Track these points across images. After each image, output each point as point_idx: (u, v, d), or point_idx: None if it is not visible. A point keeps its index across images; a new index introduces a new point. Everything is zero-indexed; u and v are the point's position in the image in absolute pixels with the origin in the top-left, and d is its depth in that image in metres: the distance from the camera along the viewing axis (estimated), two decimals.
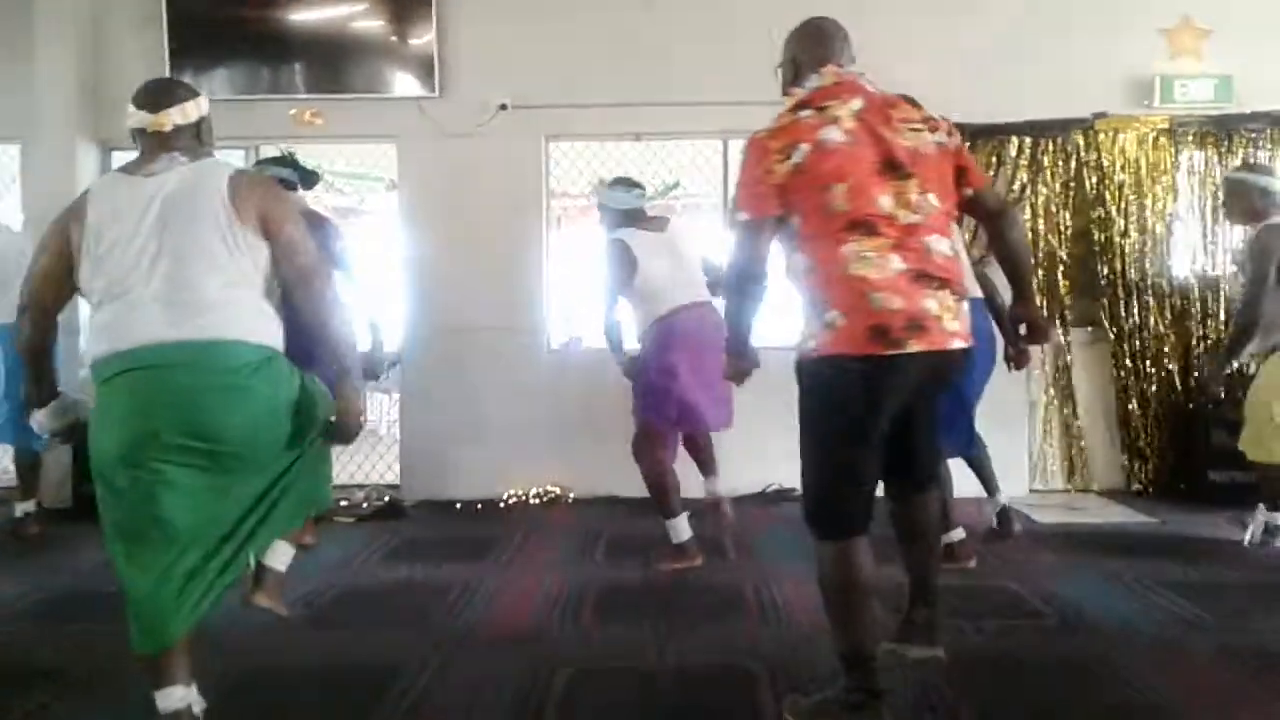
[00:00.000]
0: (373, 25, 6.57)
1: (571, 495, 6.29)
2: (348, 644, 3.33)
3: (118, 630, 3.79)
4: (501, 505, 6.17)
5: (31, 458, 5.46)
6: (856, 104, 2.82)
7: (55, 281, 2.74)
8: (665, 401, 4.67)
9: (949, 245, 2.83)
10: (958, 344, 2.82)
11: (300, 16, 6.54)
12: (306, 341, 2.79)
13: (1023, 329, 3.14)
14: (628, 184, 5.00)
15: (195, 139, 2.82)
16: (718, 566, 4.70)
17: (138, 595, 2.62)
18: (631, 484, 5.34)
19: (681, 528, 4.68)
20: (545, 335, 6.61)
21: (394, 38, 6.55)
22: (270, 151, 6.73)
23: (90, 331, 2.70)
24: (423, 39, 6.47)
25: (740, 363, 3.05)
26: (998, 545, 4.88)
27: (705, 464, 5.04)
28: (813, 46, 2.99)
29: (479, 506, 6.04)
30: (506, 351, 6.42)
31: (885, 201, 2.74)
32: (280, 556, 3.20)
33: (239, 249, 2.65)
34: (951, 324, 2.78)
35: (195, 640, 2.69)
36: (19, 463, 5.49)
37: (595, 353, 6.71)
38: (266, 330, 2.70)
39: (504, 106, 6.42)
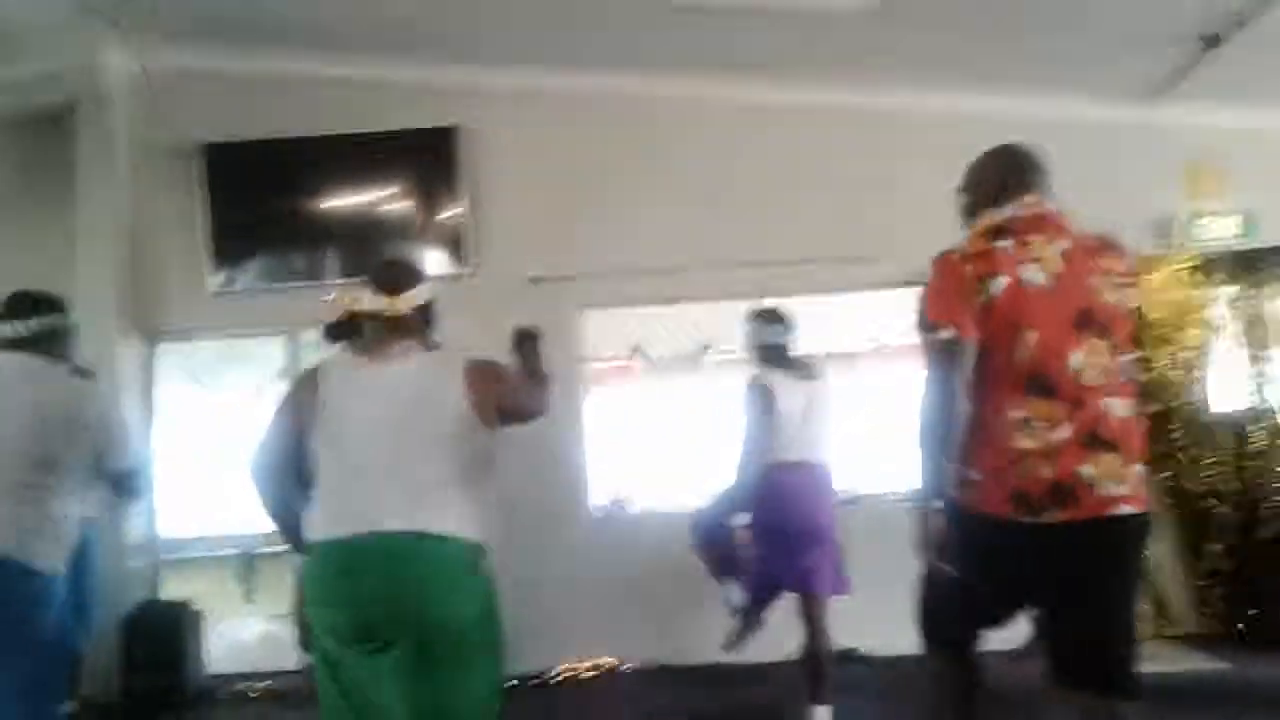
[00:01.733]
0: (403, 207, 6.72)
1: (626, 666, 6.12)
2: None
3: None
4: (553, 682, 6.01)
5: (73, 657, 5.34)
6: (1063, 244, 2.62)
7: (285, 452, 2.75)
8: (756, 579, 4.58)
9: (1128, 408, 2.59)
10: (1125, 509, 2.52)
11: (332, 204, 6.70)
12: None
13: None
14: (767, 317, 4.74)
15: (425, 322, 2.88)
16: None
17: None
18: (686, 651, 5.21)
19: (727, 593, 4.69)
20: (589, 501, 6.56)
21: (424, 218, 6.70)
22: (310, 337, 6.89)
23: (313, 507, 2.69)
24: (452, 218, 6.62)
25: (930, 534, 2.58)
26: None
27: (811, 680, 4.54)
28: (1012, 172, 2.77)
29: (531, 683, 5.87)
30: (550, 521, 6.35)
31: (1076, 359, 2.54)
32: None
33: (471, 441, 2.68)
34: (1115, 488, 2.51)
35: None
36: None
37: (641, 517, 6.67)
38: (481, 525, 2.69)
39: (536, 279, 6.51)
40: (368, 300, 2.82)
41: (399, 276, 2.87)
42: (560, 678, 6.05)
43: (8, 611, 3.10)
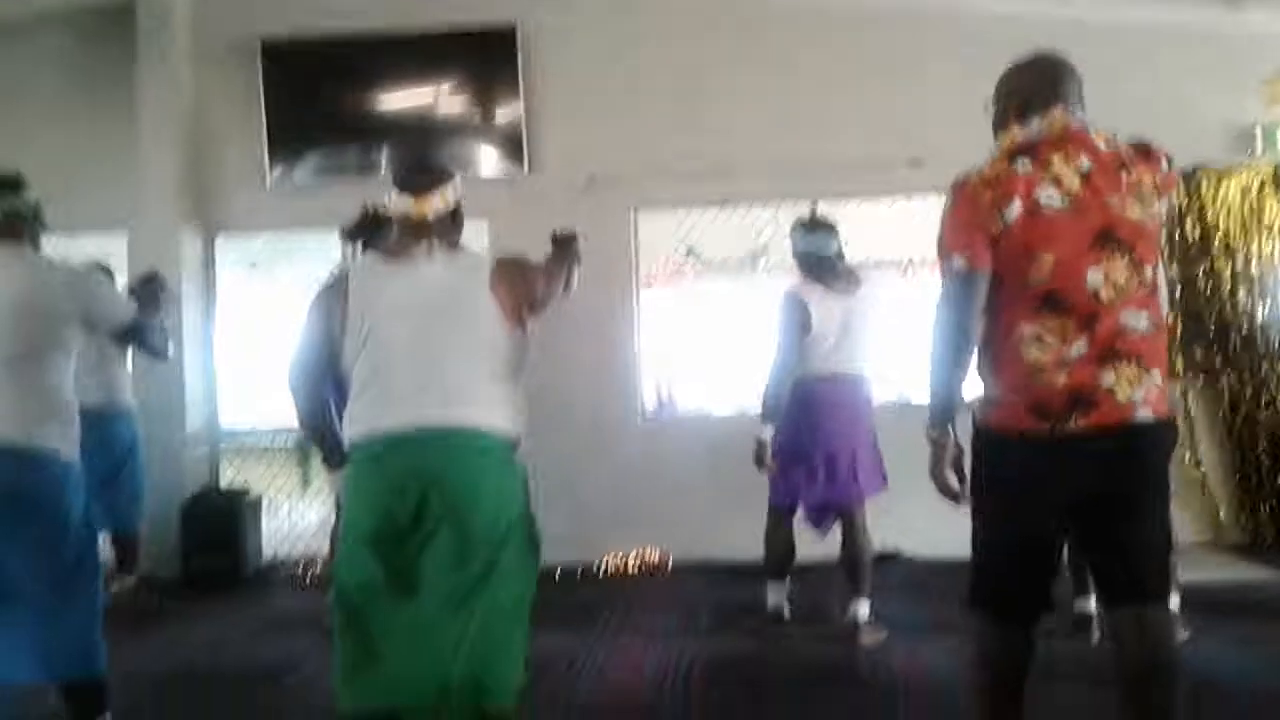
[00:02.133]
0: (460, 106, 6.70)
1: (670, 561, 6.23)
2: None
3: (232, 706, 3.86)
4: (599, 574, 6.13)
5: (133, 537, 5.49)
6: (1084, 163, 2.53)
7: (320, 359, 2.78)
8: (783, 479, 4.57)
9: (1147, 319, 2.51)
10: (1144, 415, 2.47)
11: (390, 100, 6.70)
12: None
13: None
14: (810, 226, 4.63)
15: (452, 223, 2.84)
16: (829, 636, 4.60)
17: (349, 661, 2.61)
18: (730, 548, 5.29)
19: (772, 593, 4.65)
20: (639, 401, 6.62)
21: (481, 117, 6.68)
22: None
23: (349, 412, 2.73)
24: (510, 117, 6.59)
25: (941, 452, 2.60)
26: None
27: (851, 576, 4.57)
28: (1039, 85, 2.65)
29: (578, 574, 5.99)
30: (601, 418, 6.43)
31: (1093, 278, 2.48)
32: None
33: (498, 339, 2.70)
34: (1133, 393, 2.47)
35: None
36: (119, 542, 5.42)
37: (690, 418, 6.72)
38: (516, 421, 2.73)
39: (592, 179, 6.49)
40: (394, 202, 2.80)
41: (424, 178, 2.83)
42: (606, 570, 6.18)
43: (25, 502, 3.02)
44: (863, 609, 4.52)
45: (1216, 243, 6.21)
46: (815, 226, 4.61)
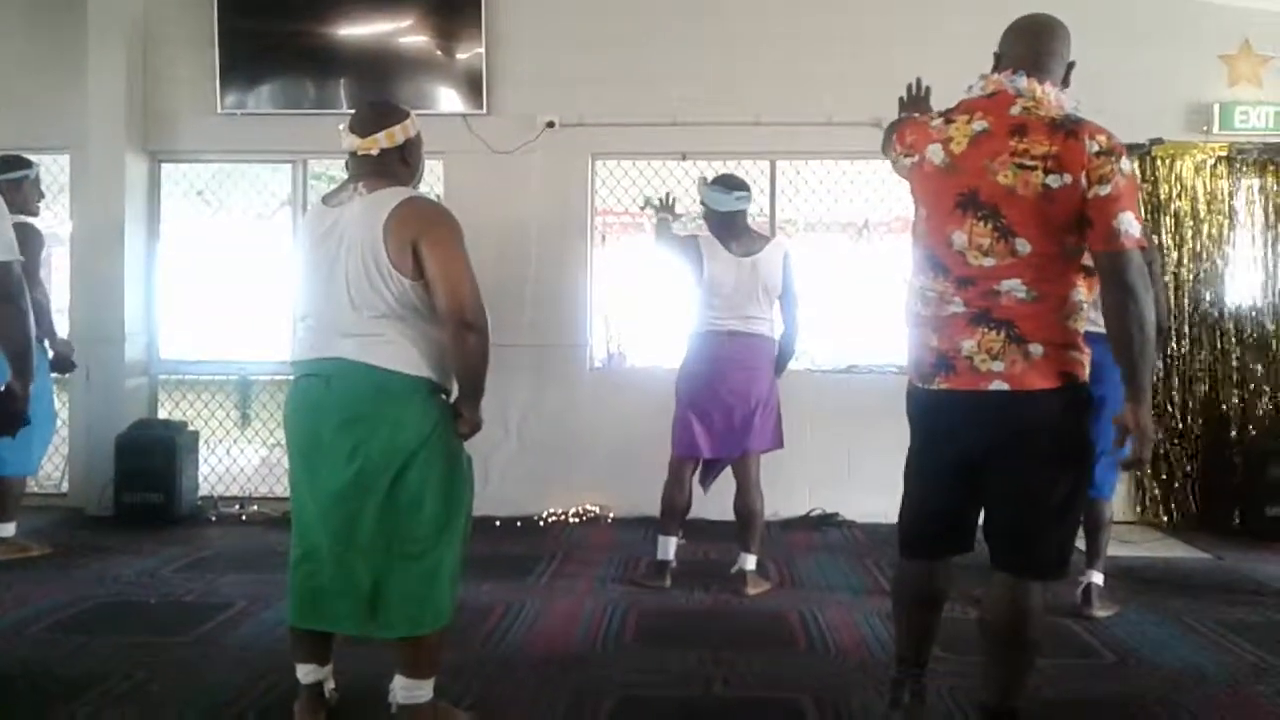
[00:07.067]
0: (420, 41, 6.54)
1: (611, 515, 6.24)
2: (387, 664, 3.25)
3: (160, 641, 3.81)
4: (541, 523, 6.12)
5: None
6: (980, 125, 2.59)
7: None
8: (678, 429, 4.74)
9: (1027, 290, 2.52)
10: (997, 385, 2.54)
11: (348, 32, 6.52)
12: None
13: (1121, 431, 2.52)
14: (726, 184, 4.69)
15: (402, 162, 2.89)
16: (765, 593, 4.64)
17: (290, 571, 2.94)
18: None
19: (663, 547, 4.75)
20: (589, 352, 6.58)
21: (441, 54, 6.53)
22: (316, 168, 6.79)
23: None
24: (470, 55, 6.46)
25: None
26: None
27: (739, 528, 4.71)
28: (1004, 45, 2.76)
29: (518, 524, 5.98)
30: (549, 368, 6.39)
31: (958, 239, 2.58)
32: (409, 692, 2.90)
33: (387, 283, 2.72)
34: (990, 364, 2.54)
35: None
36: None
37: (638, 371, 6.70)
38: (422, 362, 2.77)
39: (551, 124, 6.39)
40: (345, 140, 2.85)
41: (371, 117, 2.88)
42: (549, 520, 6.18)
43: None
44: (749, 562, 4.69)
45: (1166, 222, 6.22)
46: (728, 186, 4.69)
